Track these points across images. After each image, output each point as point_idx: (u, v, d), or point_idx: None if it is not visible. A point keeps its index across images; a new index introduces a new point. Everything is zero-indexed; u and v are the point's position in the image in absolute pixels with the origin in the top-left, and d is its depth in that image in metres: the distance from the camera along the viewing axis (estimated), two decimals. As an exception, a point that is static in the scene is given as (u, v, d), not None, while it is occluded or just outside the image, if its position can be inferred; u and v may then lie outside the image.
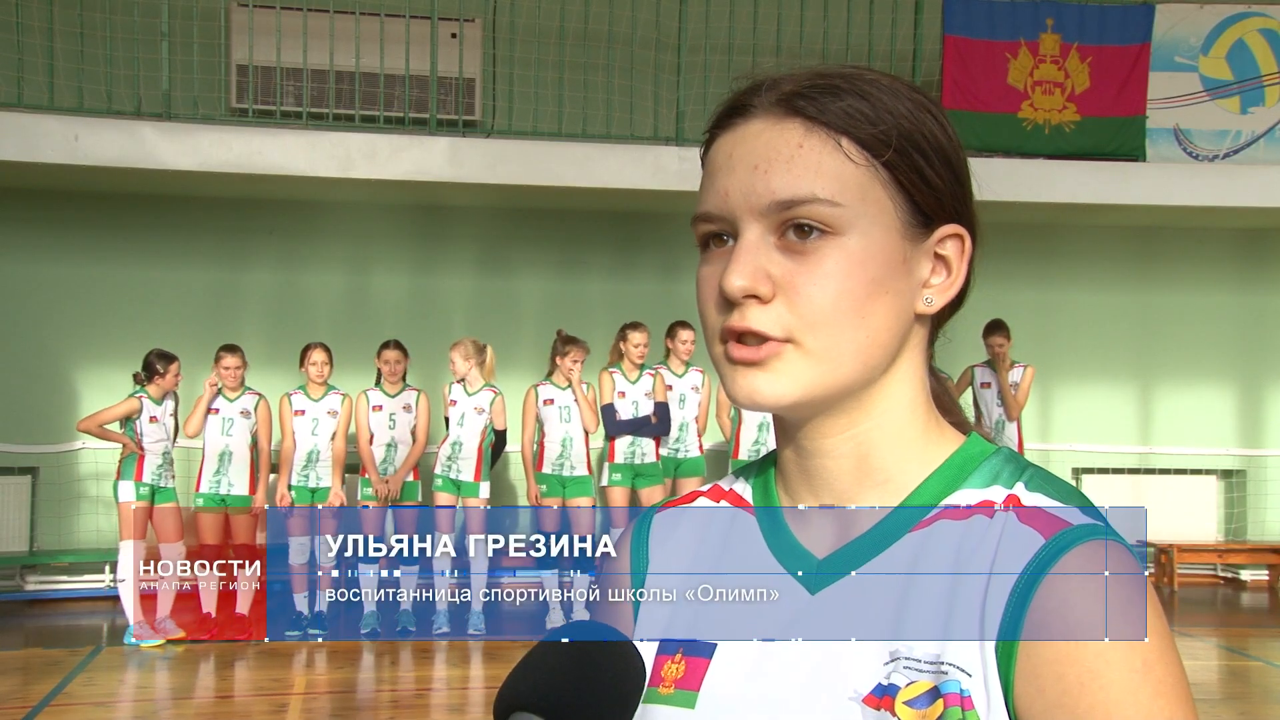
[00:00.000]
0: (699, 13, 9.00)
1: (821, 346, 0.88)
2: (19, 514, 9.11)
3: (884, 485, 0.94)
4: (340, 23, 8.64)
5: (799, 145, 0.89)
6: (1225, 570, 10.49)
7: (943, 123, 0.93)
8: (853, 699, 0.88)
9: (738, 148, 0.91)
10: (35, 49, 8.47)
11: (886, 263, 0.89)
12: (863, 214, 0.88)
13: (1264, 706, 6.50)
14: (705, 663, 0.94)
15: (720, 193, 0.90)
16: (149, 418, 7.62)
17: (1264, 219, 9.92)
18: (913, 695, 0.86)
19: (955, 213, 0.93)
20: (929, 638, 0.86)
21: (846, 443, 0.94)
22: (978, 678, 0.84)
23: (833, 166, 0.88)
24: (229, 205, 9.31)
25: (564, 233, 9.75)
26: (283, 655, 7.45)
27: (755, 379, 0.89)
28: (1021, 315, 9.15)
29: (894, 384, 0.94)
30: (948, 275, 0.93)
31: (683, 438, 8.39)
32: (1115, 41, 9.28)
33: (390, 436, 8.03)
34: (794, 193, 0.88)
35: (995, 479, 0.92)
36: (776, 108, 0.90)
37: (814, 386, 0.89)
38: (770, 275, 0.88)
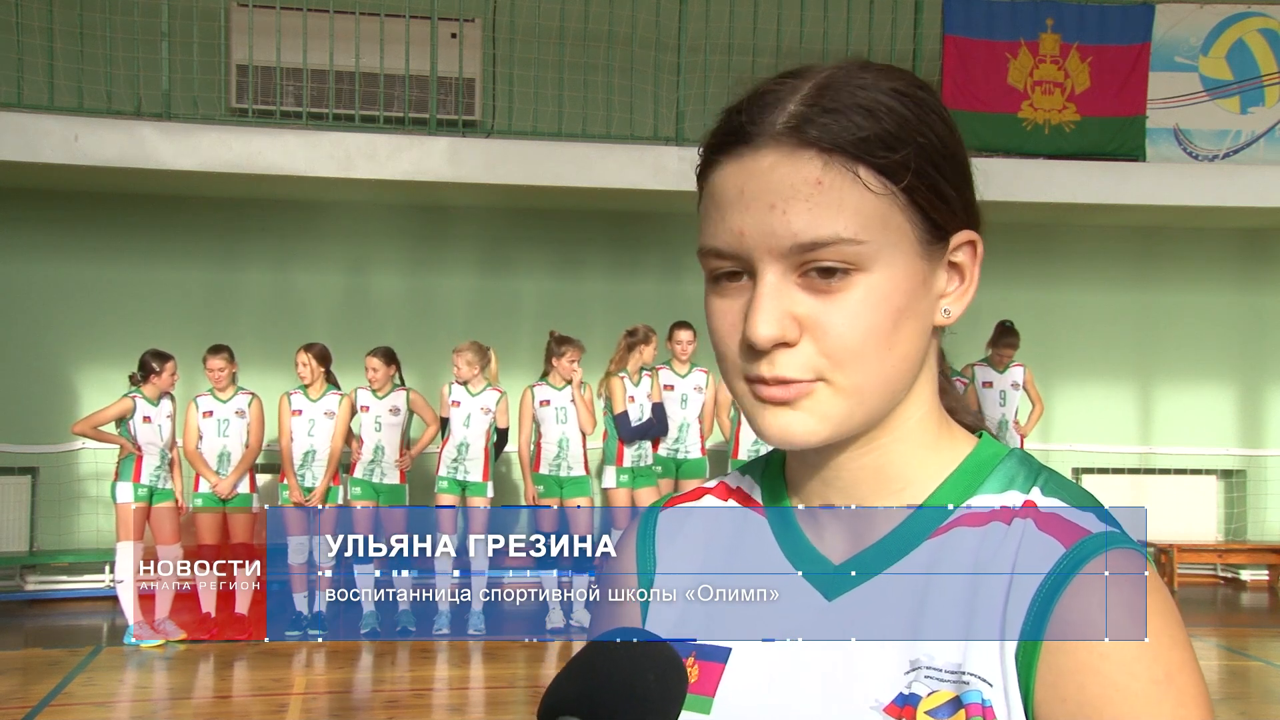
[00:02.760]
0: (699, 13, 9.00)
1: (852, 384, 0.87)
2: (19, 514, 9.11)
3: (900, 493, 0.93)
4: (340, 23, 8.64)
5: (818, 182, 0.85)
6: (1225, 570, 10.49)
7: (944, 117, 0.90)
8: (874, 708, 0.87)
9: (749, 183, 0.87)
10: (35, 49, 8.47)
11: (909, 289, 0.88)
12: (885, 245, 0.86)
13: (1264, 706, 6.50)
14: (720, 667, 0.93)
15: (734, 231, 0.87)
16: (142, 418, 7.62)
17: (1264, 219, 9.92)
18: (935, 705, 0.85)
19: (965, 218, 0.92)
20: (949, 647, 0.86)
21: (864, 456, 0.93)
22: (998, 687, 0.84)
23: (854, 202, 0.85)
24: (229, 205, 9.31)
25: (564, 233, 9.75)
26: (282, 655, 7.45)
27: (787, 419, 0.87)
28: (1022, 315, 9.14)
29: (913, 398, 0.93)
30: (962, 282, 0.93)
31: (684, 438, 8.39)
32: (1115, 41, 9.28)
33: (376, 439, 8.02)
34: (817, 234, 0.85)
35: (1011, 483, 0.92)
36: (787, 137, 0.86)
37: (845, 422, 0.88)
38: (796, 317, 0.86)
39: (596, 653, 0.83)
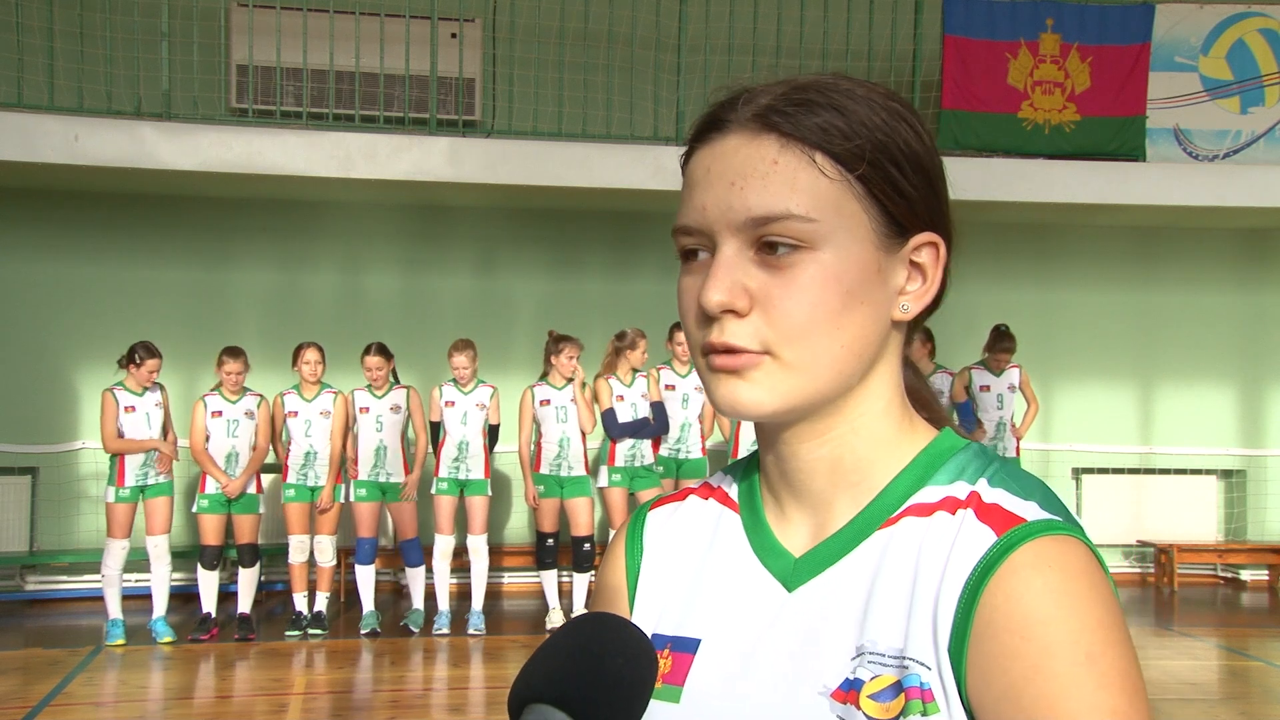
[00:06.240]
0: (699, 13, 9.00)
1: (798, 358, 0.90)
2: (19, 514, 9.11)
3: (857, 485, 0.96)
4: (340, 23, 8.64)
5: (774, 161, 0.90)
6: (1225, 570, 10.49)
7: (918, 130, 0.94)
8: (822, 694, 0.90)
9: (715, 163, 0.93)
10: (35, 49, 8.47)
11: (861, 274, 0.91)
12: (837, 227, 0.90)
13: (1264, 706, 6.50)
14: (690, 658, 0.98)
15: (698, 207, 0.92)
16: (124, 408, 7.60)
17: (1264, 219, 9.92)
18: (877, 689, 0.88)
19: (929, 220, 0.95)
20: (891, 633, 0.88)
21: (822, 447, 0.96)
22: (935, 671, 0.86)
23: (807, 182, 0.90)
24: (229, 205, 9.31)
25: (563, 233, 9.75)
26: (283, 655, 7.45)
27: (735, 388, 0.92)
28: (1021, 315, 9.14)
29: (870, 389, 0.96)
30: (923, 282, 0.95)
31: (685, 438, 8.40)
32: (1115, 41, 9.28)
33: (378, 439, 8.02)
34: (769, 209, 0.89)
35: (960, 475, 0.94)
36: (752, 123, 0.92)
37: (791, 396, 0.91)
38: (747, 289, 0.90)
39: (561, 641, 0.84)
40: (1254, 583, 10.32)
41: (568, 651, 0.83)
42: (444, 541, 8.02)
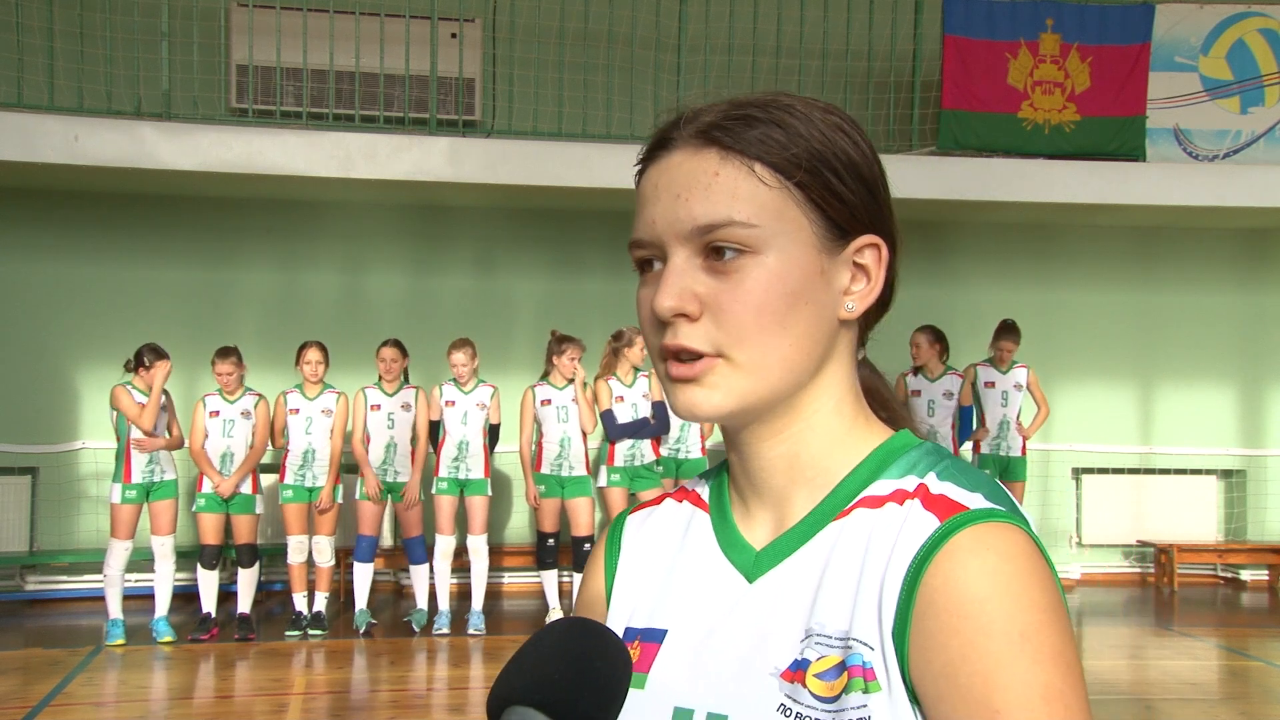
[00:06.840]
0: (699, 13, 9.00)
1: (749, 359, 0.95)
2: (19, 514, 9.11)
3: (814, 481, 1.01)
4: (340, 23, 8.64)
5: (715, 173, 0.96)
6: (1225, 570, 10.49)
7: (856, 140, 1.00)
8: (773, 674, 0.95)
9: (662, 178, 0.98)
10: (35, 49, 8.47)
11: (804, 276, 0.96)
12: (779, 232, 0.95)
13: (1264, 706, 6.50)
14: (656, 648, 1.04)
15: (649, 221, 0.98)
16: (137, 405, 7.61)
17: (1264, 219, 9.93)
18: (823, 669, 0.93)
19: (870, 224, 1.00)
20: (838, 617, 0.93)
21: (780, 445, 1.01)
22: (878, 651, 0.90)
23: (748, 191, 0.95)
24: (229, 205, 9.31)
25: (563, 233, 9.75)
26: (283, 655, 7.45)
27: (693, 394, 0.97)
28: (1022, 315, 9.14)
29: (822, 387, 1.01)
30: (868, 282, 1.00)
31: (684, 438, 8.40)
32: (1115, 41, 9.27)
33: (389, 436, 8.03)
34: (712, 217, 0.95)
35: (911, 469, 0.99)
36: (695, 139, 0.98)
37: (746, 396, 0.97)
38: (697, 294, 0.95)
39: (537, 644, 0.86)
40: (1254, 583, 10.32)
41: (547, 654, 0.85)
42: (445, 541, 8.02)
